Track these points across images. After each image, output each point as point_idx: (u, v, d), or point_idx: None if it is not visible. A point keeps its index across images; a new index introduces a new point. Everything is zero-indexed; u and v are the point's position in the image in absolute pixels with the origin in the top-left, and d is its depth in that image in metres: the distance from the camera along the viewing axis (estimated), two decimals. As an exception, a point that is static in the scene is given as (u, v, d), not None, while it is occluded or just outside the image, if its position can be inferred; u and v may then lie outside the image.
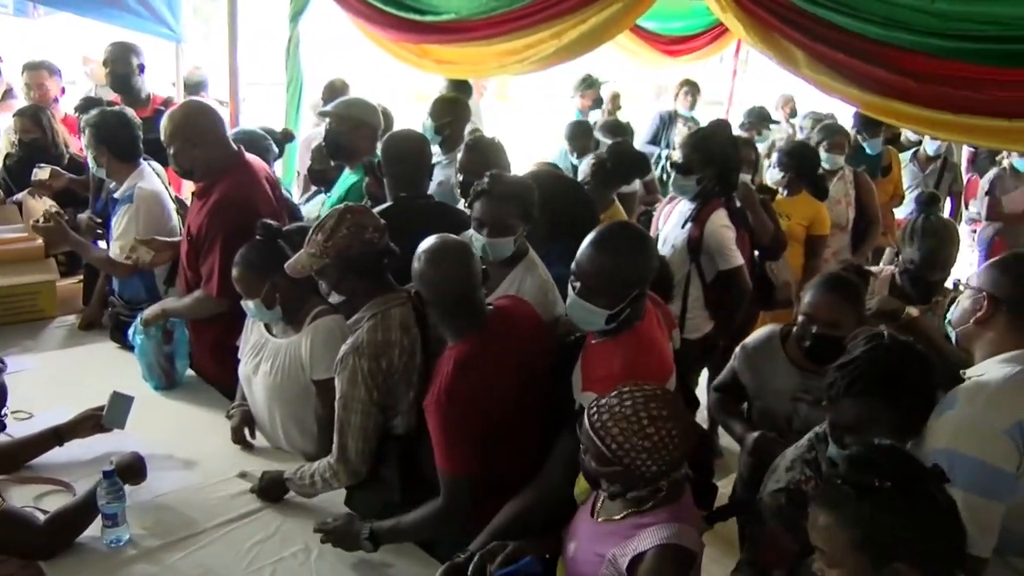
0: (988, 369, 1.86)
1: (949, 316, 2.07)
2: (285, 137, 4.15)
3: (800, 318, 2.47)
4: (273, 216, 2.88)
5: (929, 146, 5.90)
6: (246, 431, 2.74)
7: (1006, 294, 1.88)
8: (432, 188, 3.46)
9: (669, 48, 6.08)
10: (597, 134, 5.37)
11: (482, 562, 1.93)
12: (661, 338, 2.29)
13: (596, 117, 6.32)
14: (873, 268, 3.17)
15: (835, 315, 2.40)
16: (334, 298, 2.44)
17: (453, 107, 4.18)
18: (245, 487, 2.48)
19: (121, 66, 4.24)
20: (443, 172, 3.94)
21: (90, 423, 2.54)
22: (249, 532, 2.29)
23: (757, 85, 7.72)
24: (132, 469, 2.30)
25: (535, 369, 2.30)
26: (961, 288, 2.21)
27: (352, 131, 3.57)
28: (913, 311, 2.71)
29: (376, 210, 3.03)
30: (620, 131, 5.49)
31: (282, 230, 2.70)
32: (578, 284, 2.15)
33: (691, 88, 6.41)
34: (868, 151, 5.33)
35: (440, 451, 2.15)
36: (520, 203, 2.61)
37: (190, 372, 3.22)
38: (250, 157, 3.16)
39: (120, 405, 2.58)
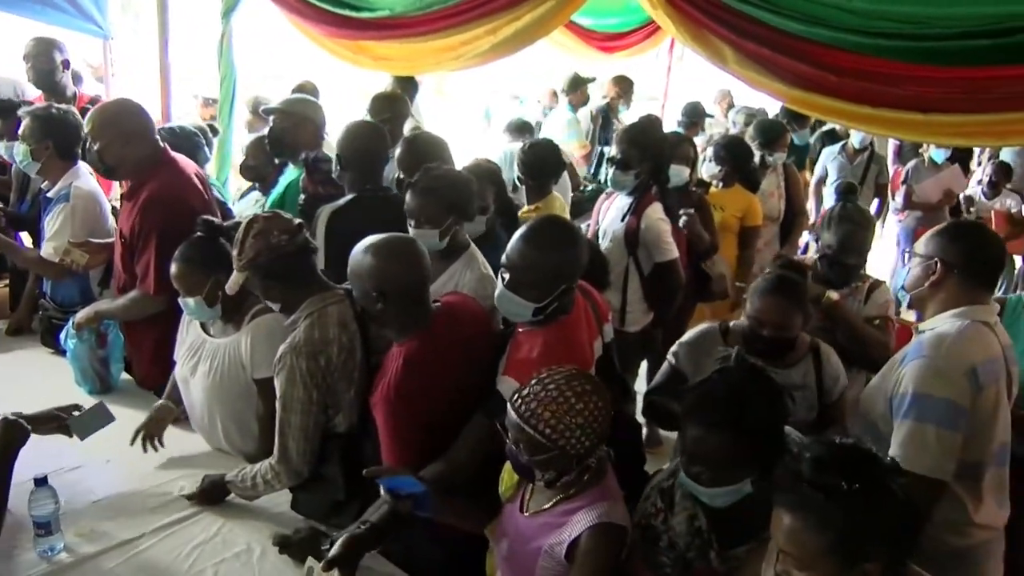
0: (940, 323, 2.12)
1: (903, 282, 2.29)
2: (212, 132, 4.12)
3: (748, 321, 2.48)
4: (206, 212, 2.86)
5: (855, 139, 6.08)
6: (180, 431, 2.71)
7: (957, 260, 2.11)
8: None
9: (604, 44, 6.14)
10: (504, 134, 5.46)
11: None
12: (584, 335, 2.33)
13: (585, 114, 6.45)
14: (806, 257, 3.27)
15: (783, 317, 2.43)
16: (273, 307, 2.42)
17: (391, 103, 4.18)
18: (185, 490, 2.44)
19: (43, 62, 4.12)
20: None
21: (54, 423, 2.39)
22: (190, 534, 2.26)
23: (693, 80, 7.84)
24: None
25: (480, 364, 2.32)
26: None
27: (296, 127, 3.57)
28: (834, 295, 2.80)
29: (338, 204, 3.07)
30: (525, 129, 5.61)
31: (223, 227, 2.66)
32: (507, 276, 2.18)
33: (624, 84, 6.50)
34: (796, 142, 5.49)
35: (387, 446, 2.17)
36: (447, 196, 2.63)
37: (125, 376, 3.16)
38: (177, 156, 3.11)
39: (97, 418, 2.47)
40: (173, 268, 2.56)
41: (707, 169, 4.61)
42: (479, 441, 2.08)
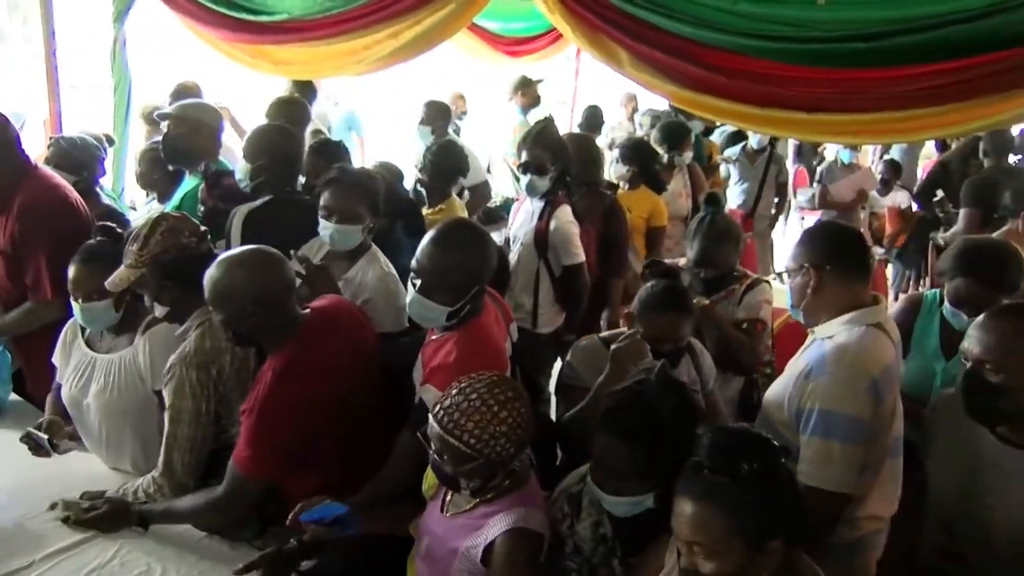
0: (836, 331, 2.11)
1: (789, 303, 2.27)
2: (108, 142, 3.97)
3: (639, 334, 2.43)
4: (87, 214, 2.81)
5: (752, 140, 6.28)
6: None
7: (823, 259, 2.15)
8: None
9: (511, 49, 6.17)
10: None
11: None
12: (498, 335, 2.35)
13: (534, 117, 6.36)
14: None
15: (677, 331, 2.44)
16: (158, 311, 2.35)
17: (289, 109, 4.11)
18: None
19: None
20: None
21: None
22: (84, 560, 2.16)
23: (601, 84, 7.97)
24: None
25: (364, 368, 2.30)
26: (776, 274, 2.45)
27: (191, 133, 3.45)
28: (704, 300, 2.83)
29: (255, 204, 3.00)
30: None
31: (120, 232, 2.57)
32: (419, 281, 2.17)
33: (527, 87, 6.55)
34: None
35: (241, 448, 2.12)
36: (369, 194, 2.63)
37: (14, 396, 3.01)
38: (47, 170, 3.03)
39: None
40: (73, 271, 2.45)
41: (614, 171, 4.68)
42: (412, 457, 2.06)
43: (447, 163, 3.95)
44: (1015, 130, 8.26)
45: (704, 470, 1.51)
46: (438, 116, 5.19)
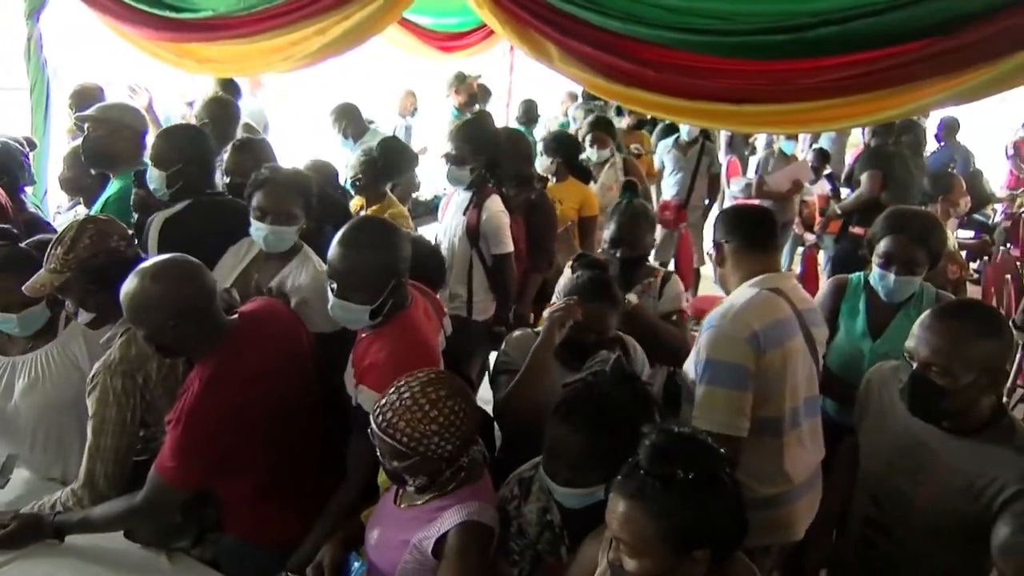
0: (738, 295, 2.39)
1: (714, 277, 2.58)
2: (30, 146, 3.82)
3: (568, 327, 2.44)
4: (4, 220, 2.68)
5: (683, 132, 6.38)
6: None
7: (729, 236, 2.47)
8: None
9: (444, 44, 6.13)
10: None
11: None
12: (428, 327, 2.34)
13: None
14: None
15: (603, 323, 2.45)
16: (82, 316, 2.27)
17: (217, 108, 4.03)
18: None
19: None
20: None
21: None
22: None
23: (538, 80, 8.00)
24: None
25: (297, 369, 2.28)
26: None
27: (112, 135, 3.36)
28: (633, 299, 2.86)
29: (173, 210, 2.92)
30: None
31: (16, 235, 2.48)
32: (335, 285, 2.15)
33: (463, 83, 6.56)
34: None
35: (165, 457, 2.07)
36: (302, 194, 2.60)
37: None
38: None
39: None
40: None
41: (539, 164, 4.71)
42: (366, 459, 2.05)
43: (384, 161, 3.92)
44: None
45: (640, 470, 1.51)
46: (342, 117, 5.16)
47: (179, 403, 2.07)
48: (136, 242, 2.33)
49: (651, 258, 5.59)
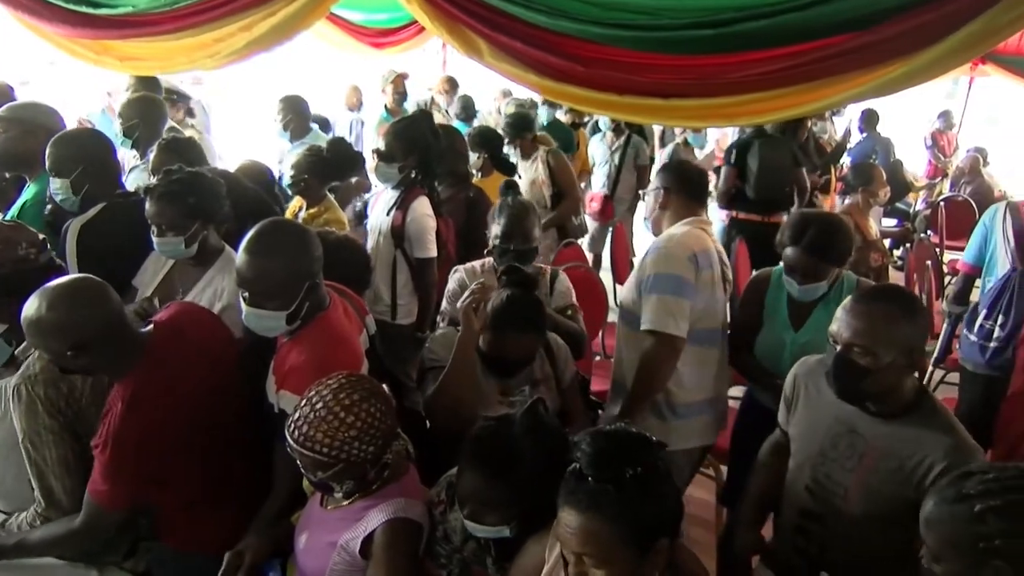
0: (674, 229, 2.77)
1: (644, 214, 2.99)
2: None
3: (487, 348, 2.43)
4: None
5: (602, 125, 6.48)
6: None
7: (673, 184, 2.84)
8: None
9: (376, 40, 6.08)
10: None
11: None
12: (349, 327, 2.31)
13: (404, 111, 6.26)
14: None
15: (526, 350, 2.43)
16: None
17: (140, 107, 3.90)
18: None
19: None
20: (139, 176, 3.69)
21: None
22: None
23: (476, 77, 8.00)
24: None
25: (221, 375, 2.22)
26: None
27: (26, 137, 3.21)
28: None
29: (88, 215, 2.81)
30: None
31: None
32: (247, 294, 2.09)
33: (396, 80, 6.50)
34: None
35: (97, 481, 2.00)
36: (188, 201, 2.50)
37: None
38: None
39: None
40: None
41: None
42: (292, 466, 1.99)
43: (326, 163, 3.86)
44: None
45: (588, 479, 1.48)
46: (288, 110, 5.05)
47: (103, 426, 1.99)
48: (48, 247, 2.22)
49: (585, 249, 5.71)
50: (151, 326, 2.13)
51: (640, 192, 6.53)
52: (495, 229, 2.97)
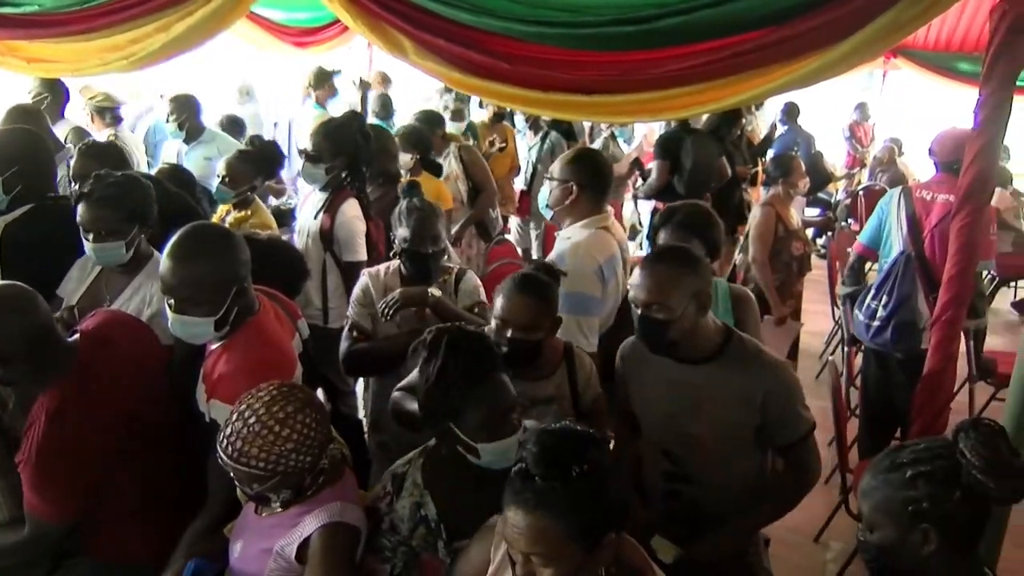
0: (574, 233, 2.96)
1: (544, 202, 3.10)
2: None
3: (494, 322, 2.42)
4: None
5: (517, 121, 6.64)
6: None
7: (585, 180, 2.99)
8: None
9: (298, 40, 5.97)
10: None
11: None
12: (280, 331, 2.28)
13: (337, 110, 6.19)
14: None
15: (531, 318, 2.38)
16: None
17: (25, 118, 3.78)
18: None
19: None
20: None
21: None
22: None
23: (412, 75, 7.94)
24: None
25: (150, 383, 2.17)
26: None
27: None
28: (436, 292, 2.89)
29: (14, 215, 2.77)
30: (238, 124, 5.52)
31: None
32: (172, 301, 2.04)
33: (322, 78, 6.44)
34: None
35: (29, 497, 1.95)
36: (128, 204, 2.44)
37: None
38: None
39: None
40: None
41: (401, 160, 4.70)
42: (224, 476, 1.96)
43: (257, 161, 3.79)
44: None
45: (535, 478, 1.49)
46: (183, 109, 5.04)
47: (27, 439, 1.93)
48: None
49: (515, 245, 5.78)
50: (77, 335, 2.06)
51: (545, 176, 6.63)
52: (401, 232, 2.92)
